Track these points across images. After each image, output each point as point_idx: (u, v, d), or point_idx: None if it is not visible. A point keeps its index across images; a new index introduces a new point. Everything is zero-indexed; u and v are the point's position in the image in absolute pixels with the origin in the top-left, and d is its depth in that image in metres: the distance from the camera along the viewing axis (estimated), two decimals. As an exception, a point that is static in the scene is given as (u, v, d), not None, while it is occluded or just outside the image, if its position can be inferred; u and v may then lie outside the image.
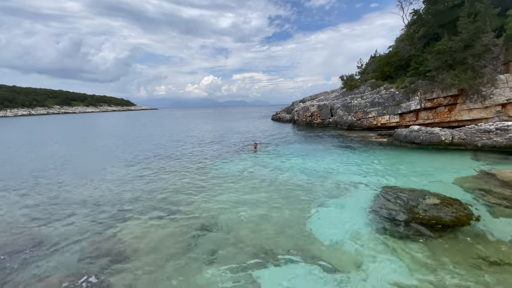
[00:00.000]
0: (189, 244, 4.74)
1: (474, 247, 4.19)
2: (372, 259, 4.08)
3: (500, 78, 12.56)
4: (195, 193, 7.27)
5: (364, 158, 10.64)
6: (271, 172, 9.17)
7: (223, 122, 36.67)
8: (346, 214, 5.69)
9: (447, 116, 14.52)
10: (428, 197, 5.38)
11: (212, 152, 13.27)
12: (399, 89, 16.86)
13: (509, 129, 9.62)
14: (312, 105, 25.31)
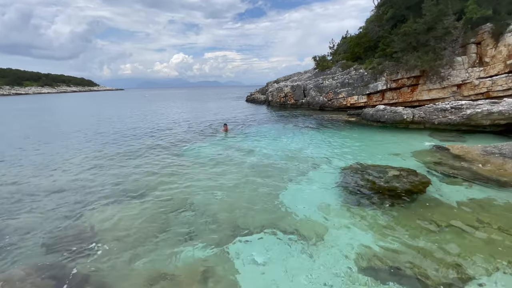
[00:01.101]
0: (162, 226, 4.69)
1: (427, 212, 4.68)
2: (339, 228, 4.40)
3: (457, 60, 13.51)
4: (167, 176, 7.11)
5: (334, 137, 11.12)
6: (245, 152, 9.24)
7: (195, 104, 35.55)
8: (317, 189, 5.99)
9: (410, 96, 15.47)
10: (389, 170, 5.81)
11: (184, 134, 12.92)
12: (368, 70, 17.46)
13: (462, 107, 10.55)
14: (285, 86, 25.39)
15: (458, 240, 3.90)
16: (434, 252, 3.67)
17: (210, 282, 3.36)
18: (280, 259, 3.75)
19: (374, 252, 3.75)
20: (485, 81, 12.57)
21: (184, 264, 3.69)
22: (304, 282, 3.33)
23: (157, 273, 3.55)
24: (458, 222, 4.34)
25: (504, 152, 6.18)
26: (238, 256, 3.85)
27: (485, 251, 3.63)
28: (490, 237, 3.91)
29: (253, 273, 3.53)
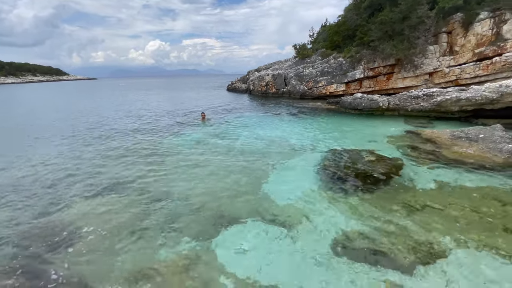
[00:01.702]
0: (142, 218, 4.59)
1: (401, 193, 4.95)
2: (319, 212, 4.55)
3: (429, 49, 14.06)
4: (146, 167, 6.92)
5: (314, 124, 11.34)
6: (227, 141, 9.18)
7: (174, 93, 34.45)
8: (298, 176, 6.12)
9: (386, 84, 15.97)
10: (366, 155, 6.03)
11: (162, 125, 12.55)
12: (346, 59, 17.73)
13: (433, 95, 11.09)
14: (267, 75, 25.23)
15: (429, 219, 4.18)
16: (407, 231, 3.91)
17: (194, 272, 3.37)
18: (263, 245, 3.83)
19: (352, 233, 3.93)
20: (454, 69, 13.23)
21: (167, 256, 3.66)
22: (286, 265, 3.44)
23: (139, 266, 3.51)
24: (429, 202, 4.64)
25: (470, 136, 6.62)
26: (221, 244, 3.89)
27: (453, 228, 3.93)
28: (458, 215, 4.22)
29: (237, 260, 3.58)
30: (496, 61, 11.64)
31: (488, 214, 4.16)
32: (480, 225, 3.94)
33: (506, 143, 5.96)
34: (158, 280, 3.27)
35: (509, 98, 8.89)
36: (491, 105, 9.42)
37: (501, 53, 11.62)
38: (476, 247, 3.51)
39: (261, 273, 3.31)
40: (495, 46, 11.87)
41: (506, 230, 3.77)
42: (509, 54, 11.23)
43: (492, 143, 6.10)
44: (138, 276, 3.34)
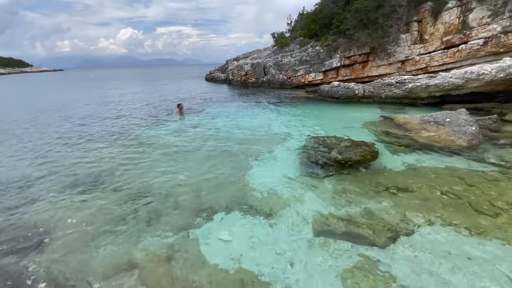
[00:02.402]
0: (121, 216, 4.46)
1: (376, 177, 5.19)
2: (299, 198, 4.67)
3: (401, 37, 14.55)
4: (122, 162, 6.67)
5: (294, 113, 11.47)
6: (206, 132, 9.05)
7: (150, 84, 33.12)
8: (278, 163, 6.21)
9: (361, 72, 16.41)
10: (342, 141, 6.23)
11: (139, 117, 12.11)
12: (323, 47, 17.91)
13: (405, 82, 11.57)
14: (246, 64, 24.92)
15: (400, 199, 4.44)
16: (382, 211, 4.14)
17: (176, 265, 3.36)
18: (245, 234, 3.88)
19: (330, 216, 4.09)
20: (424, 57, 13.84)
21: (147, 252, 3.60)
22: (269, 251, 3.52)
23: (119, 261, 3.44)
24: (401, 183, 4.91)
25: (437, 121, 7.03)
26: (203, 236, 3.89)
27: (424, 207, 4.20)
28: (426, 195, 4.52)
29: (219, 249, 3.61)
30: (462, 49, 12.31)
31: (453, 193, 4.49)
32: (446, 203, 4.25)
33: (469, 126, 6.40)
34: (139, 273, 3.23)
35: (473, 83, 9.50)
36: (457, 91, 10.02)
37: (466, 41, 12.28)
38: (442, 223, 3.80)
39: (244, 260, 3.37)
40: (461, 34, 12.51)
41: (469, 207, 4.10)
42: (474, 42, 11.90)
43: (457, 126, 6.53)
44: (118, 270, 3.28)
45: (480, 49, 11.70)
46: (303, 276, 3.09)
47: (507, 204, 4.08)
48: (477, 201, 4.21)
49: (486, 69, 9.00)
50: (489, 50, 11.52)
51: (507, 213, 3.88)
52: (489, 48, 11.48)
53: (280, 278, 3.08)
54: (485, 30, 11.68)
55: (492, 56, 11.49)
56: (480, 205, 4.10)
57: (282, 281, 3.04)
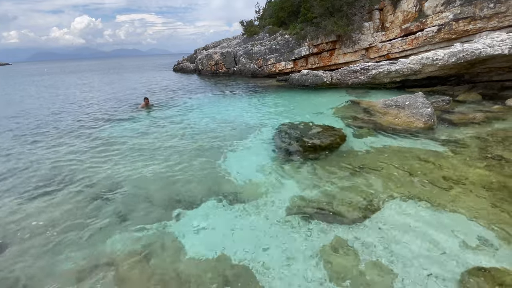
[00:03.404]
0: (89, 215, 4.26)
1: (345, 160, 5.47)
2: (274, 184, 4.80)
3: (365, 25, 15.10)
4: (87, 161, 6.29)
5: (266, 102, 11.55)
6: (177, 125, 8.80)
7: (113, 77, 31.03)
8: (253, 152, 6.27)
9: (329, 60, 16.86)
10: (313, 128, 6.44)
11: (102, 112, 11.37)
12: (292, 36, 18.02)
13: (369, 68, 12.13)
14: (215, 53, 24.30)
15: (367, 179, 4.74)
16: (351, 191, 4.40)
17: (153, 260, 3.30)
18: (223, 222, 3.92)
19: (303, 199, 4.27)
20: (386, 44, 14.56)
21: (120, 249, 3.49)
22: (247, 236, 3.61)
23: (91, 262, 3.31)
24: (367, 164, 5.23)
25: (398, 104, 7.51)
26: (179, 227, 3.86)
27: (388, 184, 4.54)
28: (390, 173, 4.87)
29: (197, 240, 3.62)
30: (419, 36, 13.12)
31: (412, 170, 4.89)
32: (407, 180, 4.63)
33: (426, 108, 6.94)
34: (113, 272, 3.14)
35: (429, 68, 10.23)
36: (414, 76, 10.74)
37: (422, 28, 13.09)
38: (403, 198, 4.14)
39: (223, 248, 3.42)
40: (418, 22, 13.29)
41: (427, 183, 4.50)
42: (429, 29, 12.73)
43: (415, 108, 7.04)
44: (91, 271, 3.16)
45: (434, 36, 12.56)
46: (281, 258, 3.22)
47: (458, 178, 4.54)
48: (433, 177, 4.64)
49: (439, 55, 9.73)
50: (442, 37, 12.41)
51: (458, 186, 4.33)
52: (442, 35, 12.36)
53: (259, 262, 3.18)
54: (439, 18, 12.52)
55: (445, 42, 12.40)
56: (435, 180, 4.53)
57: (261, 265, 3.14)
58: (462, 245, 3.19)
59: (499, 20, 10.75)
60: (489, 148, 5.47)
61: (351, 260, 3.12)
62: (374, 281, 2.84)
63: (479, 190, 4.16)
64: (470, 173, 4.65)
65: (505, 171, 4.60)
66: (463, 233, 3.35)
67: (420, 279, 2.81)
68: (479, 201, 3.92)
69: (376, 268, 2.99)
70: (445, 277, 2.80)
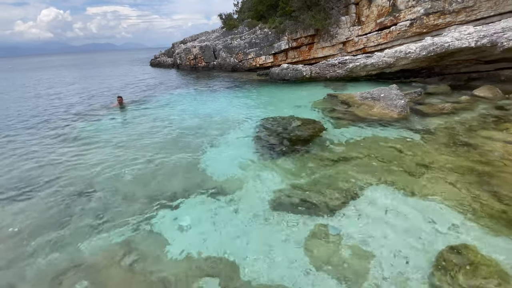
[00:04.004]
0: (67, 213, 4.10)
1: (324, 151, 5.59)
2: (255, 178, 4.81)
3: (342, 19, 15.37)
4: (60, 161, 5.98)
5: (246, 97, 11.49)
6: (156, 122, 8.54)
7: (85, 73, 29.43)
8: (234, 147, 6.24)
9: (308, 54, 17.03)
10: (293, 121, 6.51)
11: (75, 111, 10.81)
12: (271, 30, 17.97)
13: (346, 62, 12.40)
14: (193, 47, 23.74)
15: (346, 168, 4.89)
16: (330, 180, 4.52)
17: (133, 260, 3.22)
18: (205, 218, 3.89)
19: (284, 191, 4.33)
20: (362, 38, 14.93)
21: (98, 251, 3.37)
22: (230, 230, 3.61)
23: (67, 265, 3.18)
24: (346, 155, 5.38)
25: (374, 96, 7.77)
26: (160, 226, 3.79)
27: (365, 173, 4.70)
28: (367, 163, 5.05)
29: (180, 237, 3.57)
30: (393, 30, 13.57)
31: (388, 159, 5.10)
32: (383, 168, 4.82)
33: (399, 100, 7.23)
34: (93, 275, 3.02)
35: (402, 61, 10.64)
36: (389, 69, 11.14)
37: (396, 22, 13.54)
38: (380, 186, 4.32)
39: (206, 243, 3.40)
40: (391, 17, 13.73)
41: (403, 171, 4.71)
42: (402, 23, 13.19)
43: (390, 100, 7.32)
44: (68, 274, 3.03)
45: (407, 30, 13.04)
46: (263, 250, 3.25)
47: (430, 164, 4.80)
48: (407, 164, 4.86)
49: (411, 48, 10.14)
50: (414, 31, 12.91)
51: (430, 172, 4.57)
52: (414, 29, 12.86)
53: (242, 254, 3.20)
54: (411, 12, 13.00)
55: (417, 36, 12.92)
56: (409, 167, 4.75)
57: (244, 257, 3.16)
58: (434, 228, 3.38)
59: (466, 14, 11.36)
60: (458, 136, 5.81)
61: (332, 247, 3.22)
62: (354, 265, 2.95)
63: (449, 175, 4.42)
64: (441, 159, 4.93)
65: (472, 156, 4.92)
66: (435, 216, 3.56)
67: (396, 261, 2.96)
68: (449, 185, 4.17)
69: (356, 253, 3.11)
70: (419, 259, 2.97)
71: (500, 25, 8.44)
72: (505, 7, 10.35)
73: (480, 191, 3.95)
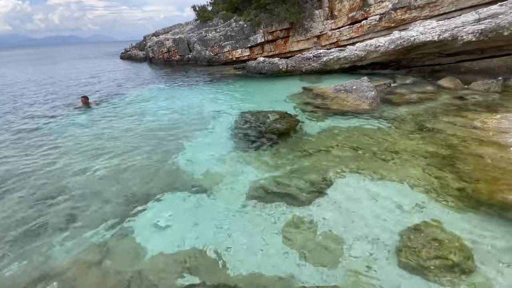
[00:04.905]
0: (34, 221, 3.86)
1: (300, 143, 5.73)
2: (234, 173, 4.83)
3: (315, 13, 15.61)
4: (23, 165, 5.57)
5: (223, 91, 11.37)
6: (128, 119, 8.19)
7: (47, 68, 27.16)
8: (212, 143, 6.19)
9: (284, 47, 17.16)
10: (271, 114, 6.57)
11: (38, 110, 10.03)
12: (247, 22, 17.82)
13: (320, 56, 12.66)
14: (166, 39, 22.92)
15: (320, 159, 5.06)
16: (305, 171, 4.66)
17: (109, 262, 3.12)
18: (184, 215, 3.85)
19: (262, 183, 4.40)
20: (335, 32, 15.30)
21: (71, 257, 3.23)
22: (210, 226, 3.61)
23: (35, 276, 3.01)
24: (321, 146, 5.56)
25: (347, 89, 8.04)
26: (137, 226, 3.70)
27: (339, 162, 4.89)
28: (341, 152, 5.25)
29: (158, 236, 3.52)
30: (363, 24, 14.03)
31: (360, 147, 5.35)
32: (355, 156, 5.06)
33: (370, 91, 7.56)
34: (66, 283, 2.89)
35: (373, 55, 11.08)
36: (360, 62, 11.56)
37: (366, 17, 14.01)
38: (352, 173, 4.53)
39: (186, 241, 3.38)
40: (362, 11, 14.17)
41: (373, 157, 4.96)
42: (372, 18, 13.68)
43: (361, 92, 7.63)
44: (38, 284, 2.87)
45: (377, 24, 13.56)
46: (243, 241, 3.31)
47: (398, 150, 5.11)
48: (377, 151, 5.13)
49: (381, 42, 10.58)
50: (383, 25, 13.46)
51: (398, 157, 4.87)
52: (383, 23, 13.41)
53: (222, 248, 3.23)
54: (380, 7, 13.50)
55: (386, 31, 13.48)
56: (379, 154, 5.02)
57: (224, 250, 3.20)
58: (401, 209, 3.63)
59: (430, 10, 12.02)
60: (423, 123, 6.22)
61: (309, 234, 3.35)
62: (329, 248, 3.11)
63: (416, 159, 4.74)
64: (408, 145, 5.26)
65: (436, 141, 5.31)
66: (403, 198, 3.82)
67: (367, 242, 3.15)
68: (416, 168, 4.47)
69: (331, 238, 3.27)
70: (388, 238, 3.18)
71: (460, 20, 9.04)
72: (465, 2, 11.11)
73: (443, 172, 4.28)
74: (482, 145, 4.83)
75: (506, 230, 3.15)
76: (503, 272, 2.68)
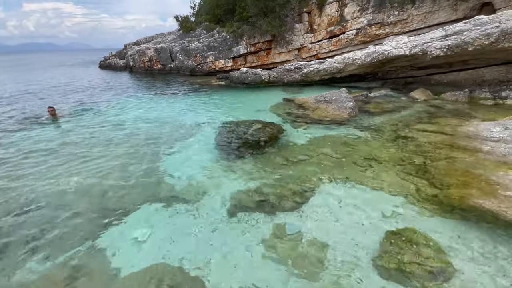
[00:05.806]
0: (3, 234, 3.65)
1: (282, 152, 5.79)
2: (216, 183, 4.77)
3: (296, 26, 16.16)
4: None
5: (206, 101, 11.33)
6: (106, 131, 7.88)
7: (15, 77, 25.73)
8: (194, 153, 6.09)
9: (266, 59, 17.51)
10: (254, 124, 6.62)
11: (8, 122, 9.46)
12: (230, 34, 18.08)
13: (301, 67, 13.04)
14: (148, 49, 22.67)
15: (303, 167, 5.12)
16: (288, 180, 4.69)
17: (83, 282, 2.93)
18: (164, 229, 3.72)
19: (244, 194, 4.38)
20: (315, 45, 15.87)
21: (39, 277, 3.00)
22: (190, 238, 3.52)
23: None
24: (302, 155, 5.64)
25: (327, 99, 8.30)
26: (113, 241, 3.53)
27: (320, 170, 4.98)
28: (322, 160, 5.35)
29: (135, 252, 3.37)
30: (341, 38, 14.69)
31: (339, 155, 5.49)
32: (335, 163, 5.17)
33: (348, 102, 7.85)
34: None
35: (350, 67, 11.56)
36: (339, 74, 12.01)
37: (344, 31, 14.70)
38: (333, 180, 4.63)
39: (165, 255, 3.26)
40: (340, 26, 14.87)
41: (353, 164, 5.10)
42: (349, 32, 14.37)
43: (340, 102, 7.90)
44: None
45: (353, 38, 14.25)
46: (225, 253, 3.24)
47: (376, 158, 5.28)
48: (356, 158, 5.29)
49: (358, 55, 11.09)
50: (360, 40, 14.17)
51: (375, 165, 5.04)
52: (359, 38, 14.12)
53: (204, 261, 3.15)
54: (356, 22, 14.25)
55: (362, 45, 14.18)
56: (357, 162, 5.18)
57: (206, 266, 3.10)
58: (380, 215, 3.73)
59: (402, 26, 12.84)
60: (398, 131, 6.51)
61: (292, 242, 3.34)
62: (312, 255, 3.12)
63: (392, 166, 4.93)
64: (384, 152, 5.47)
65: (410, 148, 5.55)
66: (381, 205, 3.93)
67: (349, 248, 3.19)
68: (392, 175, 4.65)
69: (313, 245, 3.28)
70: (368, 243, 3.24)
71: (429, 36, 9.70)
72: (433, 20, 12.01)
73: (418, 178, 4.47)
74: (453, 151, 5.11)
75: (479, 235, 3.32)
76: (480, 276, 2.81)
